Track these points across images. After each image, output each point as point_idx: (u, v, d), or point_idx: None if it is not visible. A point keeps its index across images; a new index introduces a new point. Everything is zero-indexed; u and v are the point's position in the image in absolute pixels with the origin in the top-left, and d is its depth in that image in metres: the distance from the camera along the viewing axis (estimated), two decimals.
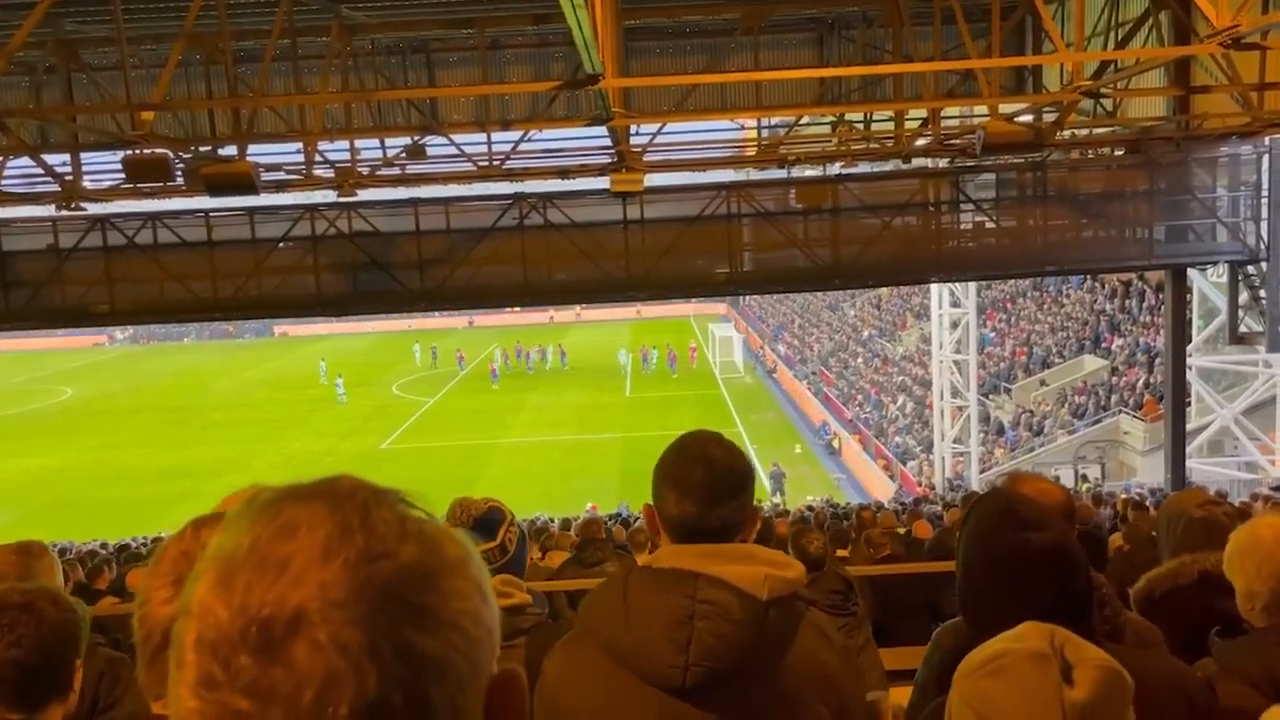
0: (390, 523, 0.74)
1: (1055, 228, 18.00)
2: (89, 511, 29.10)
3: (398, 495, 0.78)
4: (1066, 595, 1.73)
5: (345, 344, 65.45)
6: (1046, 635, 1.29)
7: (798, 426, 38.27)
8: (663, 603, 1.76)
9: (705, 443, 1.93)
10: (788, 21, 16.60)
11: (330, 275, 18.18)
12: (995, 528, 1.84)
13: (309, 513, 0.72)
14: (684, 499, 1.86)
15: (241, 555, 0.71)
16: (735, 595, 1.76)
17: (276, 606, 0.68)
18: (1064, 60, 11.54)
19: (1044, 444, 27.20)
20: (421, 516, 0.77)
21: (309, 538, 0.71)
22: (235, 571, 0.70)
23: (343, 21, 13.84)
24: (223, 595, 0.69)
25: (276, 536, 0.71)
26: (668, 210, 18.11)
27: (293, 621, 0.68)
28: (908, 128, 16.41)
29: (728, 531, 1.87)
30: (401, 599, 0.71)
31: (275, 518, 0.72)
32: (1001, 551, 1.80)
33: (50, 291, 17.96)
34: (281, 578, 0.69)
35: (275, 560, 0.70)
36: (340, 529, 0.71)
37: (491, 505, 2.60)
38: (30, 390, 53.88)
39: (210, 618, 0.69)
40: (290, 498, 0.75)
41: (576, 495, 27.12)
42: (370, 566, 0.70)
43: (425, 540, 0.75)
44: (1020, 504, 1.86)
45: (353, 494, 0.75)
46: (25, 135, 15.04)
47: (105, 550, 15.39)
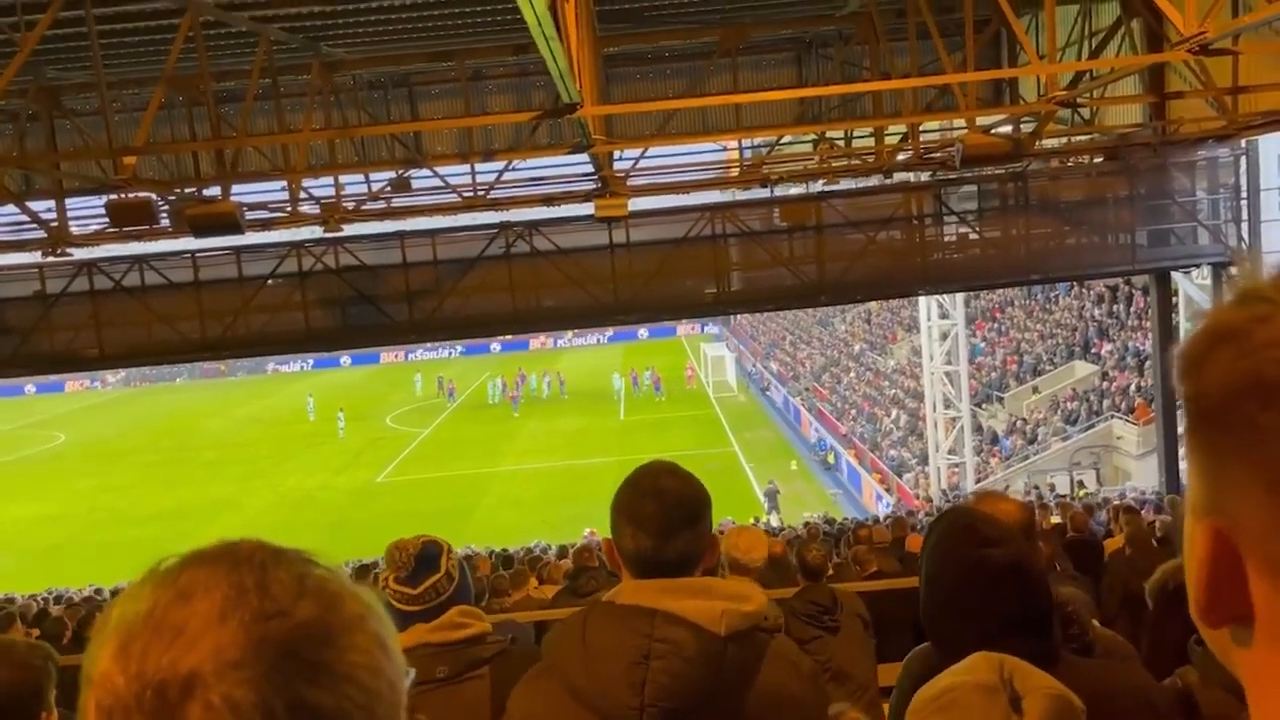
0: (286, 582, 0.75)
1: (1039, 236, 18.11)
2: (84, 557, 28.89)
3: (299, 554, 0.79)
4: (1026, 610, 1.75)
5: (337, 378, 65.34)
6: (996, 666, 1.30)
7: (793, 443, 38.27)
8: (619, 642, 1.76)
9: (657, 474, 1.92)
10: (765, 42, 16.74)
11: (319, 311, 18.20)
12: (955, 544, 1.86)
13: (206, 576, 0.74)
14: (639, 533, 1.85)
15: (140, 622, 0.72)
16: (691, 632, 1.75)
17: (171, 670, 0.69)
18: (1039, 72, 11.67)
19: (1038, 452, 27.23)
20: (322, 574, 0.78)
21: (205, 601, 0.72)
22: (133, 638, 0.72)
23: (323, 59, 13.92)
24: (120, 662, 0.71)
25: (174, 602, 0.73)
26: (653, 233, 18.19)
27: (186, 684, 0.69)
28: (888, 143, 16.53)
29: (685, 563, 1.86)
30: (296, 656, 0.72)
31: (174, 583, 0.74)
32: (961, 567, 1.82)
33: (38, 338, 17.94)
34: (177, 641, 0.70)
35: (171, 625, 0.71)
36: (236, 590, 0.73)
37: (425, 540, 2.62)
38: (22, 436, 53.62)
39: (109, 685, 0.71)
40: (190, 563, 0.76)
41: (574, 521, 27.03)
42: (264, 625, 0.72)
43: (324, 597, 0.76)
44: (979, 521, 1.89)
45: (251, 556, 0.76)
46: (10, 183, 15.06)
47: (100, 596, 15.30)
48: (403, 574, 2.51)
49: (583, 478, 34.23)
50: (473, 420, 47.18)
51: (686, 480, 1.92)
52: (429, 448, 42.27)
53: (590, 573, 6.50)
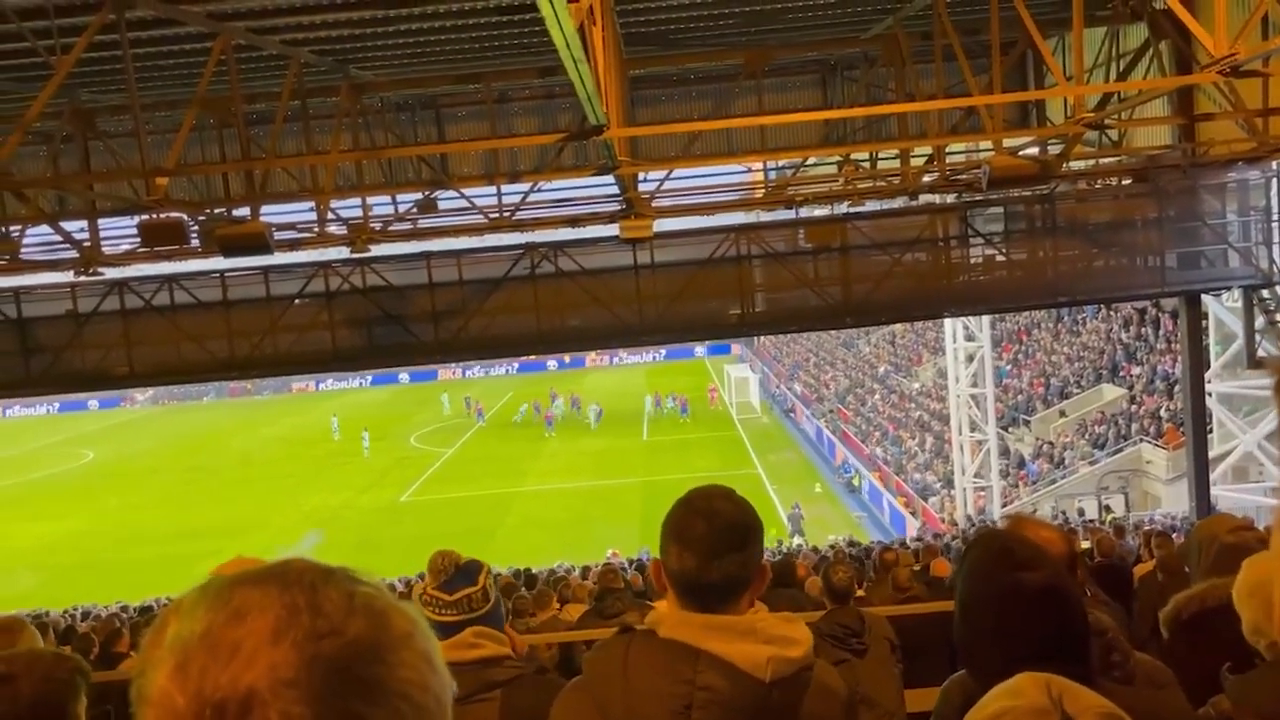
0: (337, 600, 0.76)
1: (1066, 258, 18.00)
2: (111, 574, 29.12)
3: (347, 573, 0.81)
4: (1062, 636, 1.72)
5: (362, 398, 65.72)
6: (1043, 687, 1.27)
7: (817, 465, 38.07)
8: (662, 687, 1.75)
9: (710, 496, 1.91)
10: (791, 65, 16.78)
11: (345, 330, 18.32)
12: (990, 568, 1.83)
13: (260, 597, 0.76)
14: (685, 552, 1.84)
15: (195, 641, 0.74)
16: (735, 680, 1.73)
17: (230, 689, 0.71)
18: (1066, 93, 11.60)
19: (1065, 475, 26.96)
20: (370, 591, 0.79)
21: (259, 621, 0.74)
22: (190, 658, 0.73)
23: (352, 81, 14.06)
24: (179, 681, 0.73)
25: (228, 622, 0.74)
26: (678, 254, 18.22)
27: (245, 703, 0.71)
28: (914, 165, 16.49)
29: (730, 587, 1.84)
30: (349, 673, 0.74)
31: (227, 603, 0.76)
32: (995, 592, 1.80)
33: (70, 356, 18.16)
34: (233, 661, 0.72)
35: (228, 644, 0.73)
36: (289, 610, 0.75)
37: (470, 558, 2.64)
38: (52, 454, 54.20)
39: (168, 704, 0.72)
40: (242, 583, 0.77)
41: (597, 542, 26.98)
42: (317, 644, 0.73)
43: (373, 615, 0.77)
44: (1014, 544, 1.86)
45: (301, 576, 0.78)
46: (44, 203, 15.30)
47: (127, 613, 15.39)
48: (441, 579, 2.53)
49: (606, 499, 34.22)
50: (497, 440, 47.26)
51: (740, 505, 1.91)
52: (453, 468, 42.37)
53: (615, 594, 6.47)
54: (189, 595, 0.79)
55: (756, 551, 1.89)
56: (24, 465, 51.06)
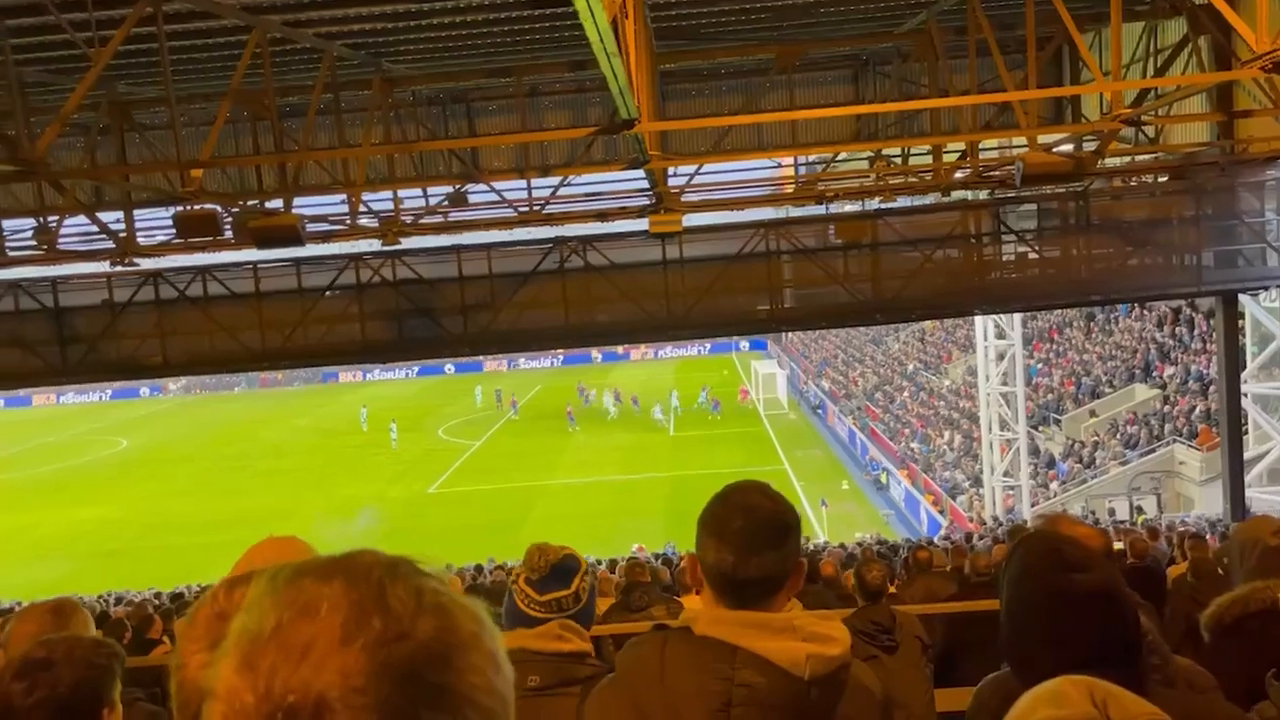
0: (405, 599, 0.76)
1: (1099, 256, 17.80)
2: (143, 561, 29.51)
3: (413, 567, 0.80)
4: (1113, 639, 1.69)
5: (392, 390, 66.13)
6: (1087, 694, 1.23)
7: (845, 462, 37.91)
8: (699, 685, 1.73)
9: (748, 491, 1.89)
10: (822, 59, 16.68)
11: (376, 323, 18.43)
12: (1038, 569, 1.80)
13: (328, 592, 0.75)
14: (722, 547, 1.82)
15: (265, 638, 0.74)
16: (774, 678, 1.72)
17: (301, 693, 0.71)
18: (1102, 89, 11.48)
19: (1096, 476, 26.69)
20: (435, 587, 0.79)
21: (329, 620, 0.73)
22: (259, 654, 0.73)
23: (384, 75, 14.13)
24: (248, 679, 0.72)
25: (298, 619, 0.74)
26: (707, 249, 18.18)
27: (316, 708, 0.71)
28: (946, 161, 16.36)
29: (767, 583, 1.83)
30: (419, 679, 0.73)
31: (295, 599, 0.75)
32: (1045, 593, 1.76)
33: (105, 346, 18.40)
34: (304, 663, 0.72)
35: (298, 644, 0.73)
36: (358, 610, 0.74)
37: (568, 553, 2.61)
38: (87, 442, 54.95)
39: (237, 702, 0.72)
40: (310, 575, 0.77)
41: (623, 536, 27.03)
42: (388, 650, 0.73)
43: (440, 614, 0.77)
44: (1064, 544, 1.82)
45: (369, 571, 0.77)
46: (81, 195, 15.49)
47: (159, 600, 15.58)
48: (534, 577, 2.53)
49: (632, 493, 34.24)
50: (524, 434, 47.39)
51: (777, 501, 1.89)
52: (481, 460, 42.56)
53: (642, 588, 6.47)
54: (254, 586, 0.79)
55: (794, 548, 1.88)
56: (60, 452, 51.82)
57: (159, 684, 5.03)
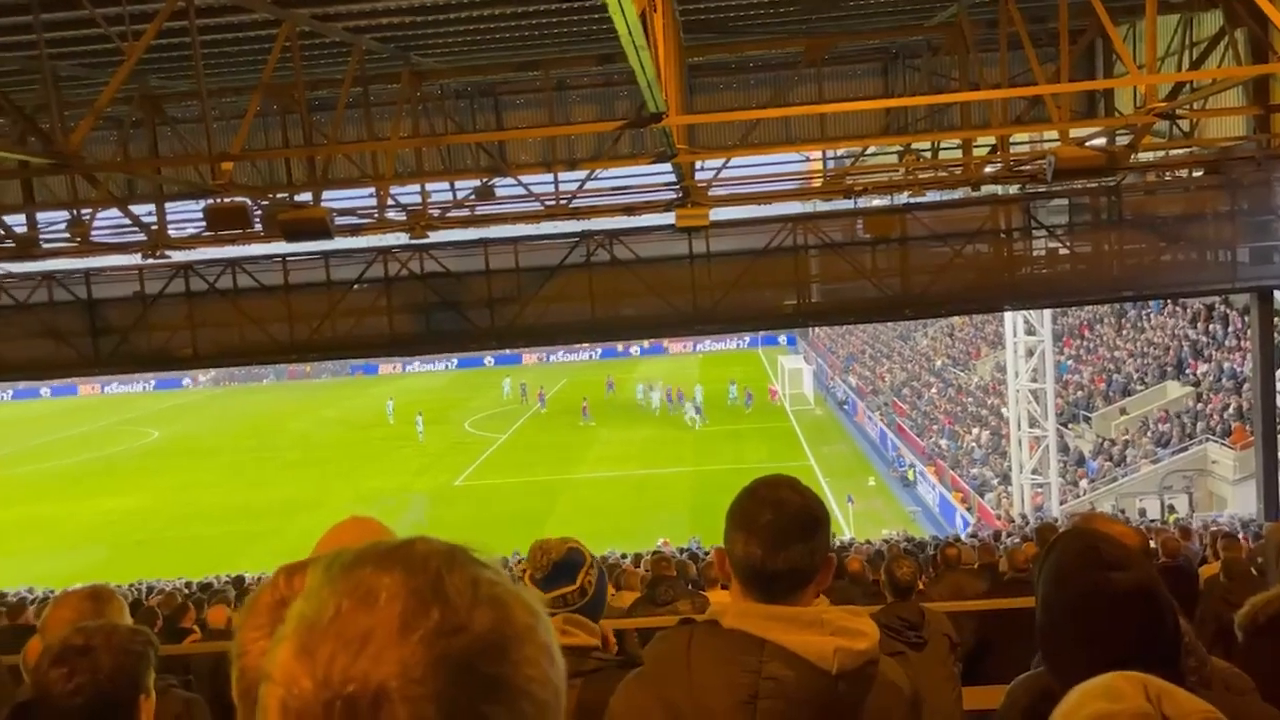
0: (462, 589, 0.76)
1: (1132, 252, 17.59)
2: (172, 550, 29.83)
3: (470, 556, 0.80)
4: (1151, 638, 1.66)
5: (418, 382, 66.47)
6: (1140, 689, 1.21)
7: (871, 458, 37.74)
8: (726, 678, 1.73)
9: (777, 485, 1.90)
10: (851, 53, 16.57)
11: (403, 316, 18.52)
12: (1075, 566, 1.77)
13: (387, 582, 0.75)
14: (750, 541, 1.83)
15: (323, 625, 0.74)
16: (801, 671, 1.72)
17: (360, 683, 0.71)
18: (1136, 82, 11.31)
19: (1127, 474, 26.42)
20: (493, 578, 0.79)
21: (387, 610, 0.74)
22: (318, 641, 0.73)
23: (412, 68, 14.18)
24: (306, 665, 0.73)
25: (356, 607, 0.74)
26: (734, 243, 18.12)
27: (375, 699, 0.71)
28: (976, 155, 16.22)
29: (795, 577, 1.82)
30: (476, 672, 0.74)
31: (354, 587, 0.75)
32: (1082, 591, 1.74)
33: (137, 337, 18.59)
34: (363, 653, 0.72)
35: (356, 633, 0.73)
36: (417, 599, 0.74)
37: (571, 547, 2.61)
38: (118, 432, 55.62)
39: (295, 687, 0.73)
40: (368, 564, 0.77)
41: (648, 530, 27.04)
42: (446, 642, 0.73)
43: (497, 606, 0.77)
44: (1101, 542, 1.80)
45: (426, 561, 0.77)
46: (113, 187, 15.65)
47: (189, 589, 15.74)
48: (538, 575, 2.53)
49: (657, 487, 34.24)
50: (551, 427, 47.50)
51: (806, 496, 1.89)
52: (506, 453, 42.70)
53: (668, 582, 6.46)
54: (311, 573, 0.79)
55: (823, 542, 1.87)
56: (93, 443, 52.48)
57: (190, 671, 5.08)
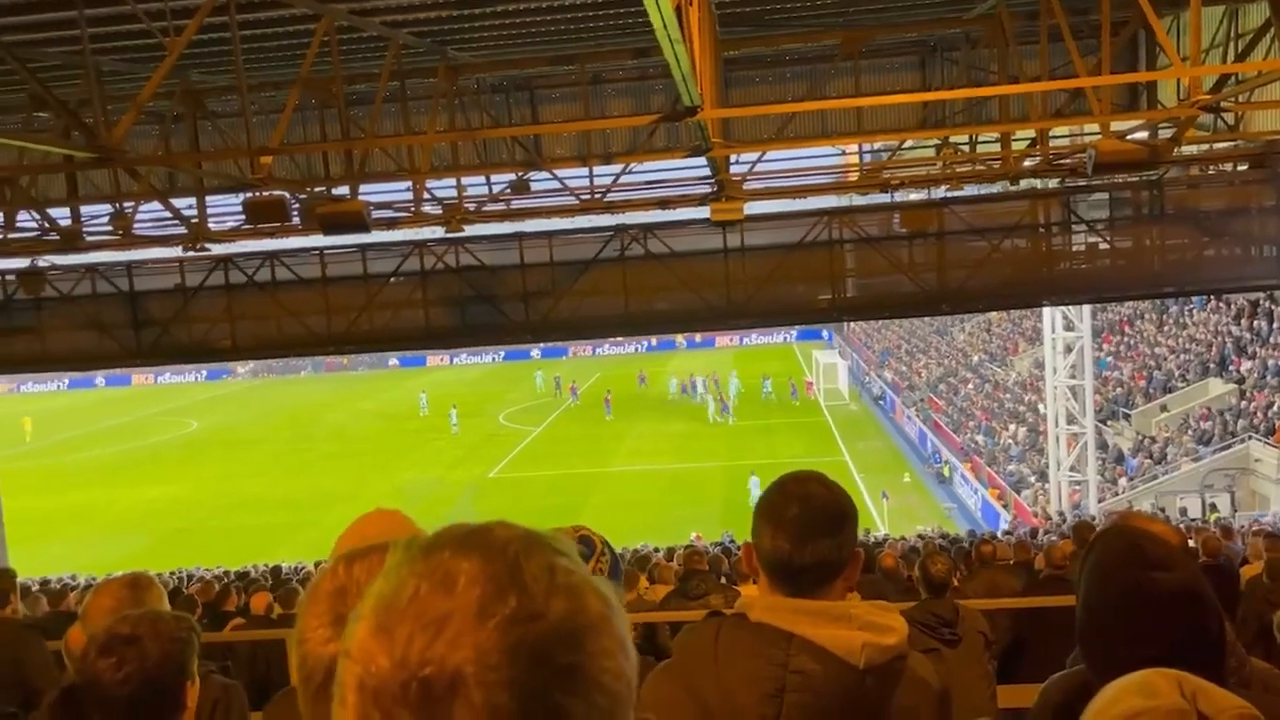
0: (539, 577, 0.76)
1: (1174, 247, 17.32)
2: (211, 539, 30.26)
3: (547, 543, 0.80)
4: (1195, 639, 1.64)
5: (453, 375, 66.90)
6: (1176, 686, 1.19)
7: (906, 454, 37.49)
8: (753, 670, 1.73)
9: (805, 480, 1.90)
10: (889, 46, 16.42)
11: (439, 309, 18.64)
12: (1119, 565, 1.75)
13: (466, 566, 0.76)
14: (777, 534, 1.83)
15: (402, 606, 0.74)
16: (828, 665, 1.71)
17: (437, 666, 0.71)
18: (1180, 75, 11.13)
19: (1167, 472, 26.05)
20: (569, 566, 0.79)
21: (466, 595, 0.74)
22: (396, 621, 0.74)
23: (449, 63, 14.23)
24: (384, 644, 0.73)
25: (435, 590, 0.75)
26: (769, 237, 18.05)
27: (452, 683, 0.71)
28: (1015, 149, 16.03)
29: (822, 571, 1.82)
30: (551, 661, 0.73)
31: (434, 570, 0.76)
32: (1125, 591, 1.72)
33: (177, 329, 18.85)
34: (440, 636, 0.72)
35: (435, 616, 0.73)
36: (494, 585, 0.75)
37: (582, 534, 2.60)
38: (159, 423, 56.45)
39: (372, 665, 0.73)
40: (447, 547, 0.78)
41: (681, 524, 27.05)
42: (522, 629, 0.73)
43: (572, 595, 0.77)
44: (1146, 541, 1.77)
45: (505, 546, 0.78)
46: (155, 181, 15.85)
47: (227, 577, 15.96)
48: None
49: (690, 482, 34.24)
50: (583, 420, 47.62)
51: (834, 490, 1.90)
52: (541, 446, 42.87)
53: (700, 576, 6.47)
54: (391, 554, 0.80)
55: (850, 536, 1.87)
56: (134, 432, 53.33)
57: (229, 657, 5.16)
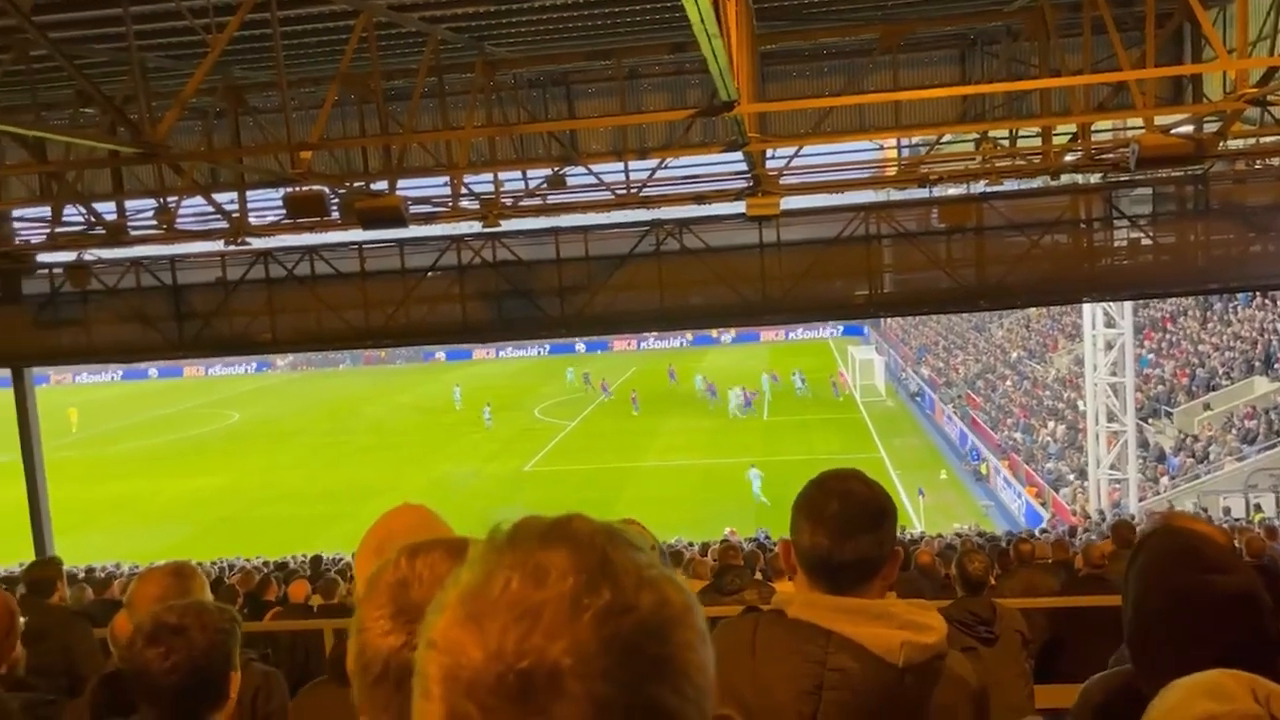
0: (628, 570, 0.75)
1: (1219, 243, 17.03)
2: (252, 530, 30.65)
3: (626, 538, 0.79)
4: (1250, 642, 1.61)
5: (490, 369, 67.25)
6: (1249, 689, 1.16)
7: (943, 451, 37.18)
8: (790, 668, 1.72)
9: (844, 477, 1.89)
10: (928, 39, 16.27)
11: (475, 303, 18.75)
12: (1173, 568, 1.73)
13: (556, 560, 0.75)
14: (817, 530, 1.82)
15: (494, 598, 0.73)
16: (867, 664, 1.70)
17: (535, 659, 0.70)
18: (1226, 68, 10.94)
19: (1210, 472, 25.64)
20: (649, 560, 0.78)
21: (559, 587, 0.73)
22: (486, 612, 0.73)
23: (486, 58, 14.30)
24: (475, 635, 0.72)
25: (527, 582, 0.74)
26: (805, 232, 17.97)
27: (551, 675, 0.70)
28: (1056, 143, 15.83)
29: (862, 567, 1.81)
30: (643, 653, 0.73)
31: (524, 562, 0.75)
32: (1181, 593, 1.69)
33: (219, 322, 19.12)
34: (536, 628, 0.71)
35: (528, 608, 0.72)
36: (586, 578, 0.74)
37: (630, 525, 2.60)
38: (201, 414, 57.25)
39: (462, 656, 0.72)
40: (534, 540, 0.77)
41: (714, 520, 27.02)
42: (617, 621, 0.73)
43: (657, 587, 0.76)
44: (1201, 543, 1.74)
45: (591, 540, 0.77)
46: (198, 176, 16.07)
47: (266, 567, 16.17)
48: None
49: (725, 477, 34.17)
50: (618, 415, 47.69)
51: (873, 487, 1.89)
52: (576, 440, 42.98)
53: (735, 571, 6.46)
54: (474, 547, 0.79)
55: (890, 533, 1.86)
56: (177, 424, 54.12)
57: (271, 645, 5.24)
